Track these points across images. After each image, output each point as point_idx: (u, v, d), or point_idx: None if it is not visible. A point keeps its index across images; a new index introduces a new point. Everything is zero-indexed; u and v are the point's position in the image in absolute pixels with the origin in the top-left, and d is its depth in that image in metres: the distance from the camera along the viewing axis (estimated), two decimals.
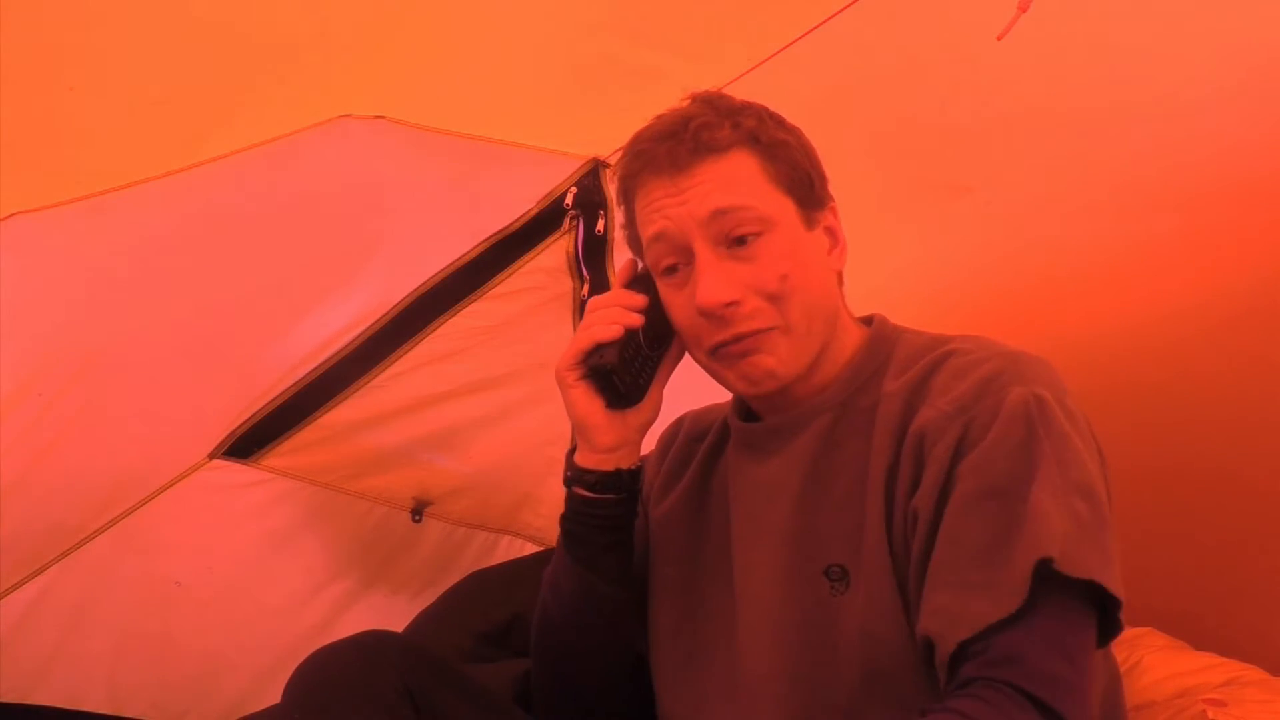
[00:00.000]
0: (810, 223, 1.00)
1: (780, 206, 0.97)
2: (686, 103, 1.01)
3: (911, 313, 1.10)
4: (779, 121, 1.01)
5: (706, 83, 1.40)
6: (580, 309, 1.99)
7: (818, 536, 0.95)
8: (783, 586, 0.96)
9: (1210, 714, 1.16)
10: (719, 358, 0.98)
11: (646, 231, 1.00)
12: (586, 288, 1.95)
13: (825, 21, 1.33)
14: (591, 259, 1.93)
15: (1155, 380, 1.44)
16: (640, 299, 1.02)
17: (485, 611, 1.76)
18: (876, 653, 0.88)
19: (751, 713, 0.97)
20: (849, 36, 1.33)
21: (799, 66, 1.39)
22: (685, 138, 0.96)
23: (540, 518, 2.22)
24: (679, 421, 1.21)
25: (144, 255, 1.53)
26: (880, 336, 1.02)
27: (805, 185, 1.00)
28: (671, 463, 1.17)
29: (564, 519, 1.08)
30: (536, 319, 1.99)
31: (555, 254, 1.92)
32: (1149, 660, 1.34)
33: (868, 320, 1.06)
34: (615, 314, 1.00)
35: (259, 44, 1.27)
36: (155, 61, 1.24)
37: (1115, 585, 0.80)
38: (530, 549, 2.21)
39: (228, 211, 1.55)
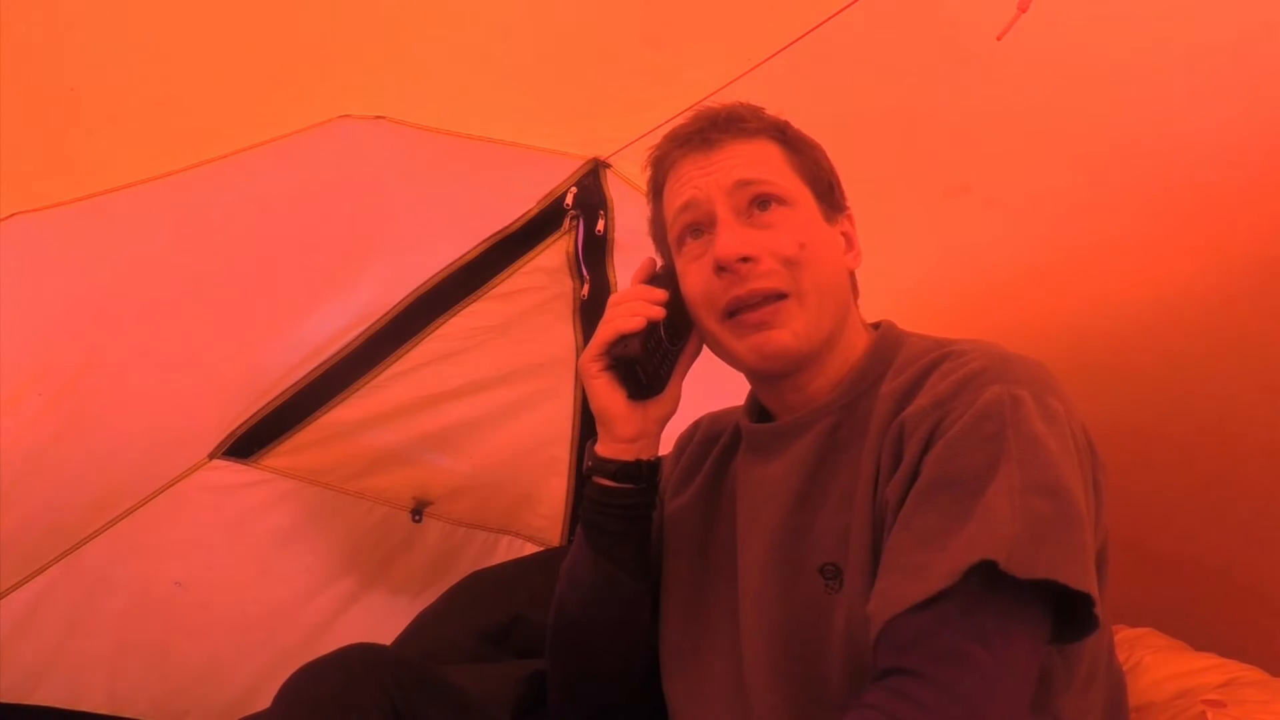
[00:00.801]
0: (829, 219, 1.05)
1: (801, 192, 1.03)
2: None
3: (910, 312, 1.10)
4: (801, 132, 1.07)
5: (706, 83, 1.42)
6: (580, 309, 1.99)
7: (814, 535, 0.97)
8: (778, 583, 0.98)
9: (1209, 715, 1.16)
10: (733, 325, 1.00)
11: (674, 204, 1.05)
12: (587, 288, 1.95)
13: (825, 21, 1.33)
14: (591, 259, 1.93)
15: (1155, 379, 1.44)
16: (661, 293, 1.05)
17: (486, 611, 1.75)
18: (862, 649, 0.88)
19: (748, 704, 0.98)
20: (849, 36, 1.33)
21: (799, 66, 1.39)
22: (718, 122, 1.04)
23: (540, 518, 2.22)
24: (696, 424, 1.24)
25: (144, 255, 1.53)
26: (886, 340, 1.04)
27: (825, 185, 1.05)
28: (687, 462, 1.20)
29: (583, 509, 1.10)
30: (536, 319, 1.99)
31: (555, 254, 1.93)
32: (1149, 661, 1.34)
33: (877, 325, 1.08)
34: (638, 306, 1.04)
35: (259, 44, 1.27)
36: (155, 62, 1.24)
37: (1078, 580, 0.79)
38: (530, 549, 2.22)
39: (228, 211, 1.55)
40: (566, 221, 1.88)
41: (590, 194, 1.85)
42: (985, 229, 1.52)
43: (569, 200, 1.85)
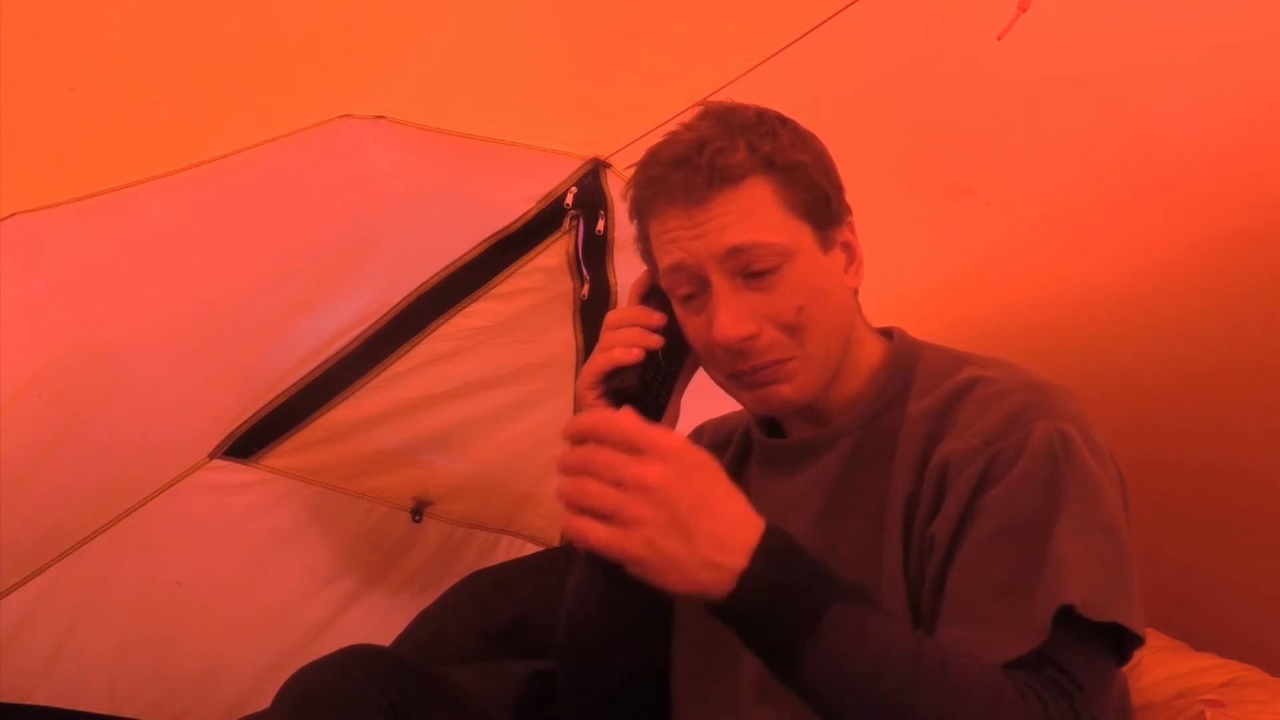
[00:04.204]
0: (827, 244, 0.98)
1: (796, 234, 0.95)
2: (697, 112, 0.98)
3: (909, 312, 1.10)
4: (794, 133, 0.98)
5: (706, 83, 1.42)
6: (580, 309, 1.99)
7: (836, 556, 0.94)
8: None
9: (1209, 715, 1.16)
10: (736, 381, 0.98)
11: (663, 261, 0.98)
12: (587, 288, 1.95)
13: (825, 22, 1.33)
14: (591, 259, 1.93)
15: (1155, 380, 1.44)
16: (659, 317, 1.01)
17: (486, 611, 1.76)
18: None
19: None
20: (849, 37, 1.33)
21: (798, 67, 1.39)
22: (700, 165, 0.92)
23: (540, 518, 2.22)
24: (699, 430, 1.21)
25: (144, 255, 1.53)
26: (901, 354, 1.01)
27: (822, 205, 0.97)
28: None
29: None
30: (536, 319, 1.99)
31: (555, 254, 1.93)
32: (1148, 661, 1.33)
33: (887, 333, 1.05)
34: (635, 335, 1.00)
35: (259, 44, 1.27)
36: (155, 61, 1.24)
37: (1137, 624, 0.81)
38: (530, 549, 2.22)
39: (228, 211, 1.55)
40: (566, 221, 1.88)
41: (590, 194, 1.85)
42: (986, 231, 1.52)
43: (569, 200, 1.85)
